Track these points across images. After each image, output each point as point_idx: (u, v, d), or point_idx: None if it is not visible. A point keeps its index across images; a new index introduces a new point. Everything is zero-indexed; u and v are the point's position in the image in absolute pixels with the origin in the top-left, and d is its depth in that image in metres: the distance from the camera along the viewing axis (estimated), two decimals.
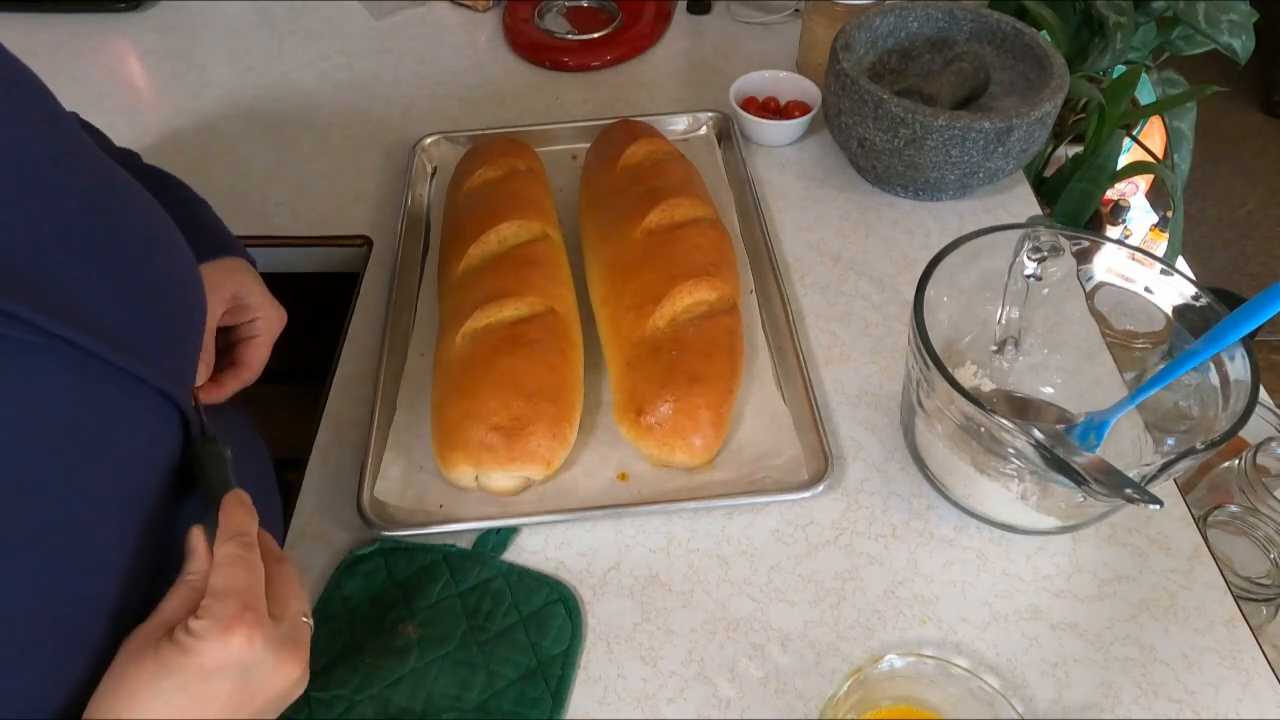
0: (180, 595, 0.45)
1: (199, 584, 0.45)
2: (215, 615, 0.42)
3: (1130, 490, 0.52)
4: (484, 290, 0.72)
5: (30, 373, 0.40)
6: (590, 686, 0.59)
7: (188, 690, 0.42)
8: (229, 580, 0.44)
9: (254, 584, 0.45)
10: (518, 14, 1.14)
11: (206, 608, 0.43)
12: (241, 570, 0.45)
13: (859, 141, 0.87)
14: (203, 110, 1.05)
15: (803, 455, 0.69)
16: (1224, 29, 1.03)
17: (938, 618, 0.62)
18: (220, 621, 0.42)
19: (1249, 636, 0.61)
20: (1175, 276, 0.64)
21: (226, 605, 0.43)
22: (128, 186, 0.51)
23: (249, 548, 0.46)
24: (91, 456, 0.43)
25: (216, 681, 0.42)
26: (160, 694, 0.41)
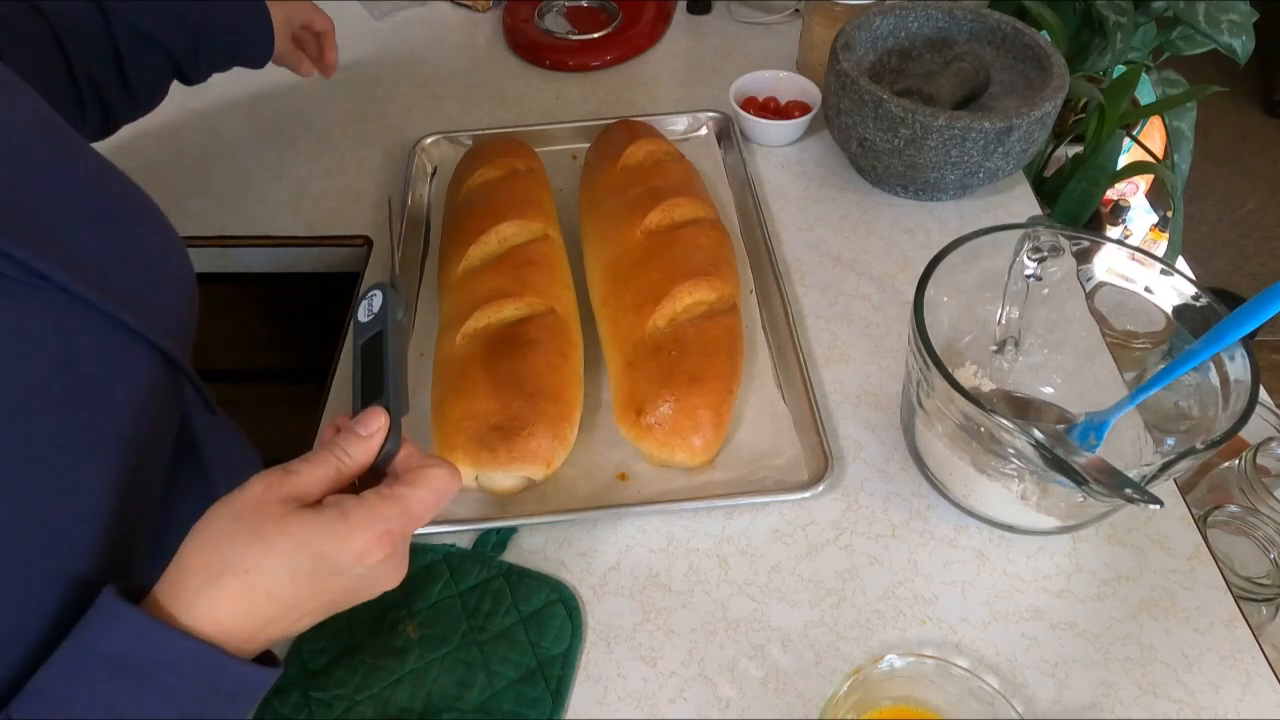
0: (323, 469, 0.43)
1: (348, 470, 0.44)
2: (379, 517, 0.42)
3: (1130, 490, 0.52)
4: (484, 290, 0.72)
5: (23, 312, 0.42)
6: (590, 686, 0.59)
7: (317, 575, 0.41)
8: (419, 500, 0.43)
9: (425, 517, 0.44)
10: (518, 14, 1.14)
11: (373, 505, 0.42)
12: (434, 504, 0.44)
13: (859, 141, 0.87)
14: (203, 110, 1.05)
15: (803, 455, 0.69)
16: (1224, 29, 1.03)
17: (938, 618, 0.62)
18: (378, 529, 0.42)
19: (1249, 636, 0.61)
20: (1175, 276, 0.64)
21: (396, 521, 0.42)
22: (115, 169, 0.54)
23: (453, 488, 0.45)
24: (82, 397, 0.44)
25: (344, 577, 0.42)
26: (292, 567, 0.41)
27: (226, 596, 0.40)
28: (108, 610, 0.39)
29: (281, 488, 0.42)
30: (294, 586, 0.41)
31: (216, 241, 0.90)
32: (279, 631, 0.42)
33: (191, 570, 0.40)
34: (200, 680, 0.40)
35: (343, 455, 0.44)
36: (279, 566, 0.40)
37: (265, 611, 0.41)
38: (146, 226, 0.54)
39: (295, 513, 0.41)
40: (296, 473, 0.42)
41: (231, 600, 0.40)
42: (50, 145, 0.48)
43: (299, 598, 0.41)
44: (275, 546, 0.40)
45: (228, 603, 0.40)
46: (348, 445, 0.44)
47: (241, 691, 0.42)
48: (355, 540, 0.41)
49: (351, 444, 0.44)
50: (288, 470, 0.42)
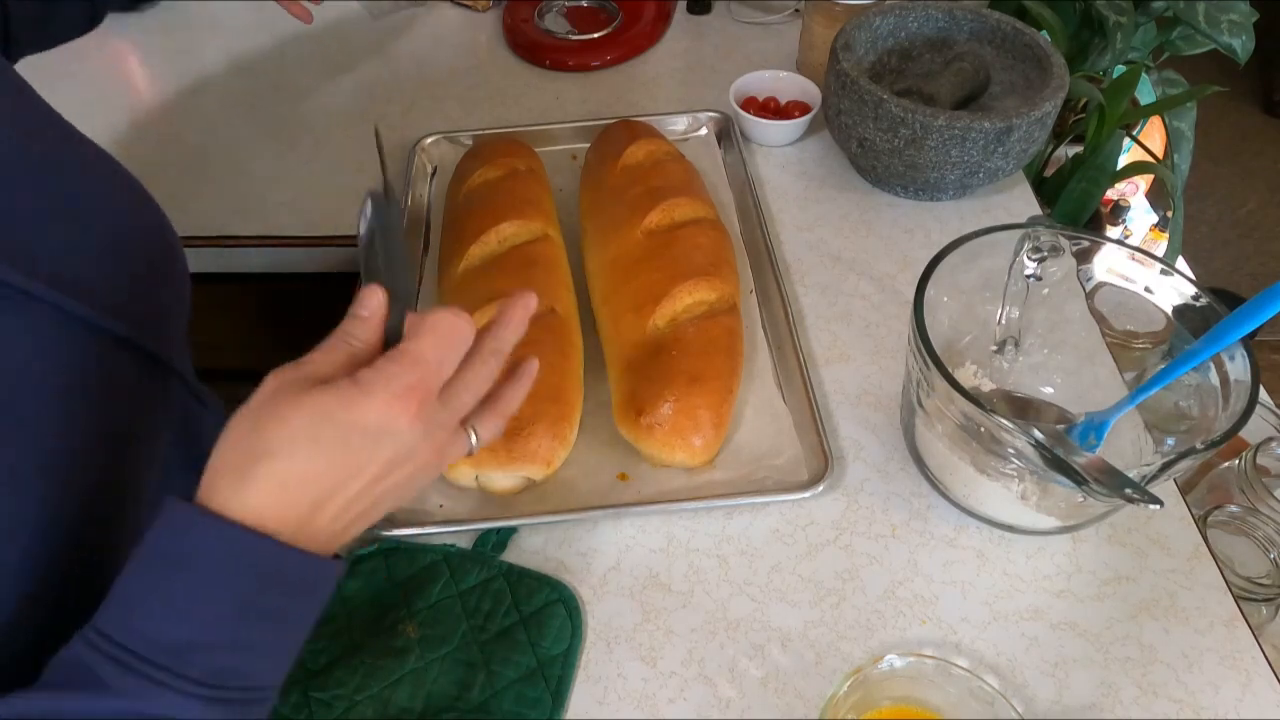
0: (334, 355, 0.42)
1: (362, 351, 0.43)
2: (392, 375, 0.40)
3: (1130, 490, 0.52)
4: (484, 290, 0.72)
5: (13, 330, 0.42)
6: (590, 686, 0.59)
7: (347, 447, 0.40)
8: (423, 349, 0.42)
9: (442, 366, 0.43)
10: (518, 14, 1.14)
11: (382, 366, 0.41)
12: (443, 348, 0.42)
13: (859, 141, 0.87)
14: (203, 111, 1.05)
15: (803, 455, 0.69)
16: (1224, 29, 1.03)
17: (938, 618, 0.62)
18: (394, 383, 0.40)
19: (1249, 636, 0.61)
20: (1175, 276, 0.64)
21: (410, 374, 0.41)
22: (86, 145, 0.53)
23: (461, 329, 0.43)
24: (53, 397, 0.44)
25: (377, 447, 0.41)
26: (315, 441, 0.39)
27: (259, 487, 0.39)
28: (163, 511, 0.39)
29: (296, 374, 0.41)
30: (326, 462, 0.39)
31: (216, 241, 0.90)
32: (332, 520, 0.41)
33: (221, 472, 0.39)
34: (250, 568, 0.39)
35: (348, 338, 0.43)
36: (302, 442, 0.39)
37: (304, 495, 0.39)
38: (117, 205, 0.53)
39: (311, 391, 0.40)
40: (308, 361, 0.42)
41: (265, 489, 0.39)
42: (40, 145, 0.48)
43: (335, 475, 0.40)
44: (294, 423, 0.39)
45: (262, 493, 0.39)
46: (351, 327, 0.43)
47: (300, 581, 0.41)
48: (373, 402, 0.40)
49: (354, 326, 0.43)
50: (300, 361, 0.42)
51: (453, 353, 0.43)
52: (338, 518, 0.41)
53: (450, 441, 0.45)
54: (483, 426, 0.48)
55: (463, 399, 0.45)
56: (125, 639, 0.37)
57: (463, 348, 0.44)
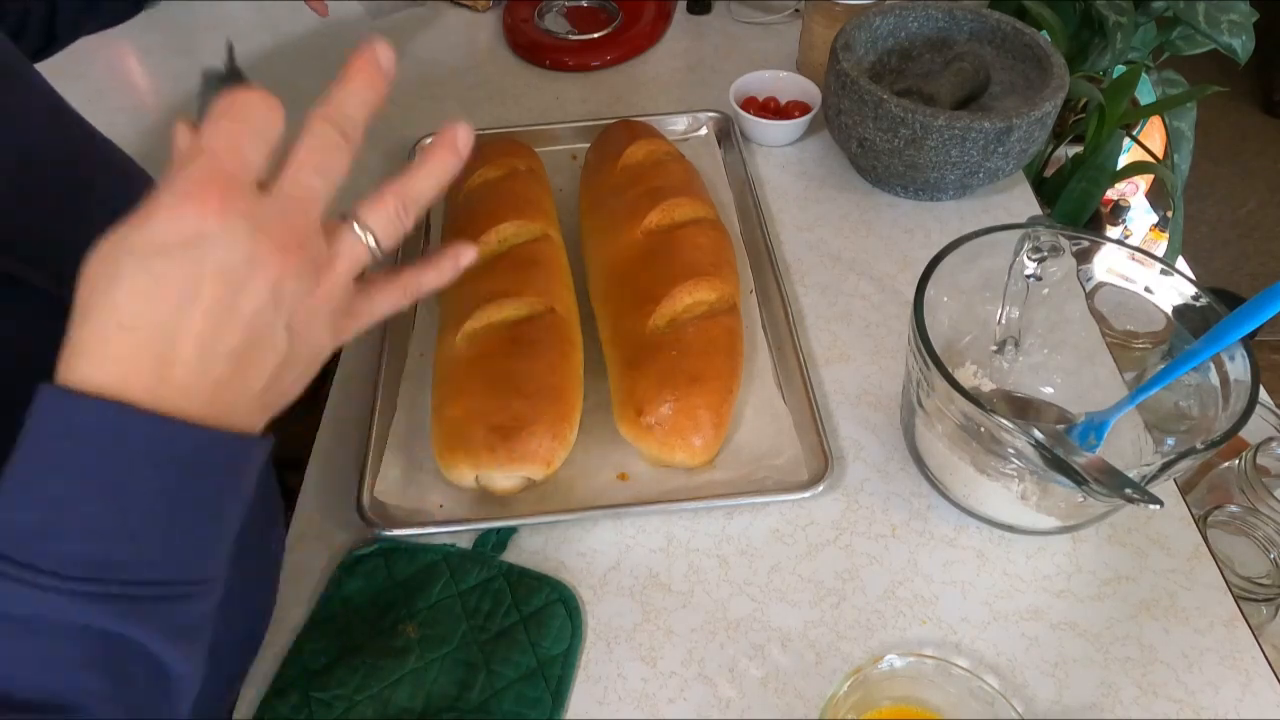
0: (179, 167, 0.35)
1: None
2: (183, 177, 0.34)
3: (1130, 490, 0.52)
4: (484, 290, 0.72)
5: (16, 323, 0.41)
6: (590, 686, 0.59)
7: (152, 271, 0.33)
8: (206, 137, 0.35)
9: (239, 151, 0.35)
10: (518, 14, 1.14)
11: (165, 174, 0.34)
12: (229, 124, 0.35)
13: (859, 141, 0.87)
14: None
15: (803, 455, 0.69)
16: (1224, 29, 1.03)
17: (938, 618, 0.62)
18: (184, 185, 0.34)
19: (1249, 636, 0.61)
20: (1175, 276, 0.64)
21: (200, 164, 0.34)
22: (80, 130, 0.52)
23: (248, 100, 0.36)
24: None
25: (182, 263, 0.33)
26: (117, 279, 0.33)
27: (90, 348, 0.33)
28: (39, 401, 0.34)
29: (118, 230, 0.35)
30: (141, 300, 0.33)
31: None
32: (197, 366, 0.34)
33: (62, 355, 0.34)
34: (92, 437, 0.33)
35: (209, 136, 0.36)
36: (106, 287, 0.33)
37: (135, 345, 0.33)
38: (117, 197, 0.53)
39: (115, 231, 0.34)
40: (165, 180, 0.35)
41: (94, 348, 0.33)
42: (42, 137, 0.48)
43: (160, 311, 0.33)
44: (95, 271, 0.33)
45: (95, 354, 0.33)
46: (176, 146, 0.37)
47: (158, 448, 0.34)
48: (160, 208, 0.33)
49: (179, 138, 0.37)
50: None
51: (246, 128, 0.35)
52: (201, 364, 0.34)
53: (319, 242, 0.38)
54: (370, 214, 0.40)
55: (299, 179, 0.37)
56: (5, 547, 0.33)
57: (261, 121, 0.36)
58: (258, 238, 0.34)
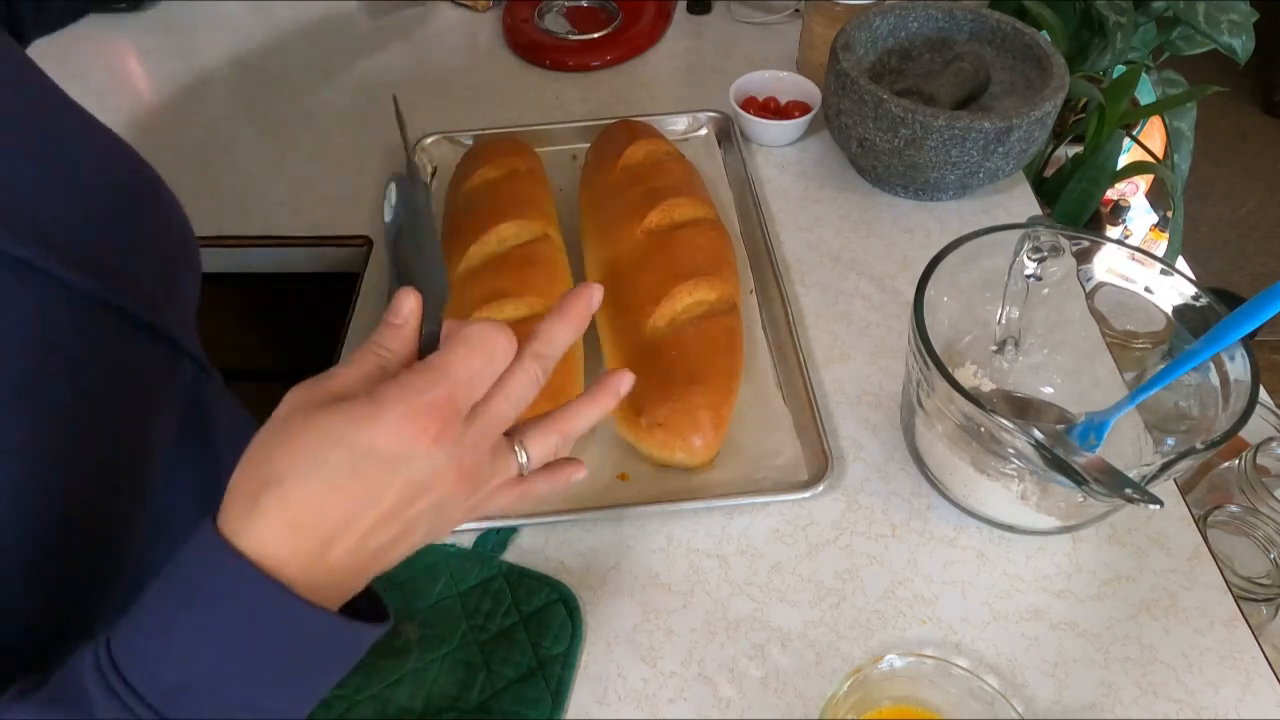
0: (361, 368, 0.38)
1: (391, 365, 0.38)
2: (415, 392, 0.36)
3: (1130, 490, 0.52)
4: (484, 290, 0.72)
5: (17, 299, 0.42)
6: (590, 686, 0.59)
7: (357, 473, 0.35)
8: (450, 361, 0.37)
9: (473, 382, 0.37)
10: (518, 14, 1.14)
11: (404, 379, 0.36)
12: (475, 360, 0.37)
13: (859, 141, 0.87)
14: (203, 110, 1.05)
15: (803, 455, 0.69)
16: (1224, 29, 1.03)
17: (938, 618, 0.62)
18: (416, 405, 0.35)
19: (1249, 636, 0.61)
20: (1175, 276, 0.64)
21: (433, 390, 0.36)
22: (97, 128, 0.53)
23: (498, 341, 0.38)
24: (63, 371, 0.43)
25: (393, 474, 0.36)
26: (322, 464, 0.35)
27: (270, 519, 0.35)
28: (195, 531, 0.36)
29: (315, 390, 0.37)
30: (334, 490, 0.35)
31: (216, 241, 0.90)
32: (347, 556, 0.36)
33: (234, 495, 0.36)
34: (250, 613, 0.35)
35: (379, 349, 0.38)
36: (309, 467, 0.35)
37: (312, 527, 0.35)
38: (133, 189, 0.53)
39: (324, 407, 0.35)
40: (332, 375, 0.37)
41: (273, 521, 0.35)
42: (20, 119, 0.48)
43: (346, 506, 0.36)
44: (302, 444, 0.35)
45: (272, 527, 0.35)
46: (381, 337, 0.38)
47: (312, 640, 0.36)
48: (387, 418, 0.35)
49: (385, 334, 0.38)
50: (323, 374, 0.37)
51: (487, 367, 0.38)
52: (354, 553, 0.37)
53: (487, 464, 0.40)
54: (534, 443, 0.42)
55: (499, 411, 0.39)
56: (123, 664, 0.35)
57: (501, 362, 0.39)
58: (449, 464, 0.37)
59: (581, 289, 0.42)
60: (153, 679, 0.34)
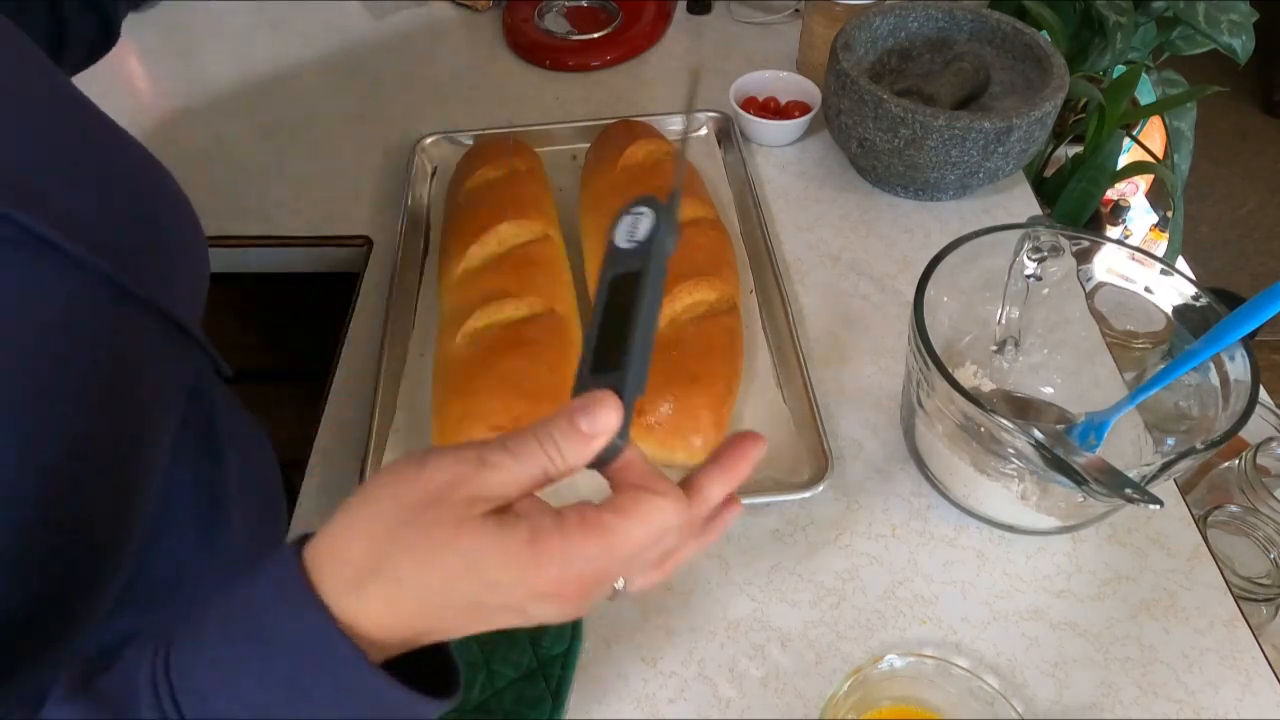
0: (526, 469, 0.34)
1: (558, 472, 0.35)
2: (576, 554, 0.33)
3: (1130, 490, 0.52)
4: (484, 290, 0.72)
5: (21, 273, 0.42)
6: (590, 686, 0.59)
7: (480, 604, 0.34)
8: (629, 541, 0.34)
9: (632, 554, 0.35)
10: (518, 14, 1.14)
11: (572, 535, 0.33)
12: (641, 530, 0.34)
13: (859, 141, 0.87)
14: (203, 110, 1.05)
15: (803, 455, 0.69)
16: (1224, 29, 1.03)
17: (938, 618, 0.62)
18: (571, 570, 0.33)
19: (1249, 636, 0.61)
20: (1175, 276, 0.64)
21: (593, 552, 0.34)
22: (116, 129, 0.55)
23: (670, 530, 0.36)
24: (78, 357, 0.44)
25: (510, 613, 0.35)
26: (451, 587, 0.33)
27: (369, 605, 0.33)
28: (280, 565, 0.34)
29: (470, 484, 0.33)
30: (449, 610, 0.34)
31: (216, 241, 0.90)
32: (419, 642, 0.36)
33: (343, 561, 0.34)
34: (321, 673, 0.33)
35: (555, 454, 0.34)
36: (438, 584, 0.33)
37: (408, 626, 0.34)
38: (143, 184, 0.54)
39: (475, 521, 0.33)
40: (494, 466, 0.34)
41: (372, 610, 0.33)
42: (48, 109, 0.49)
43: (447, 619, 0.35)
44: (441, 559, 0.33)
45: (368, 612, 0.33)
46: (563, 442, 0.34)
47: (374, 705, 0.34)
48: (539, 577, 0.33)
49: (569, 442, 0.35)
50: (483, 461, 0.34)
51: (651, 551, 0.35)
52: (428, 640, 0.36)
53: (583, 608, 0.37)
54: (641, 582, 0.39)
55: (640, 585, 0.38)
56: (178, 681, 0.33)
57: (662, 548, 0.36)
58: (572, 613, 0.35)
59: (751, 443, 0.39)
60: (201, 704, 0.33)
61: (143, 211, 0.52)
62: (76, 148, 0.49)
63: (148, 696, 0.33)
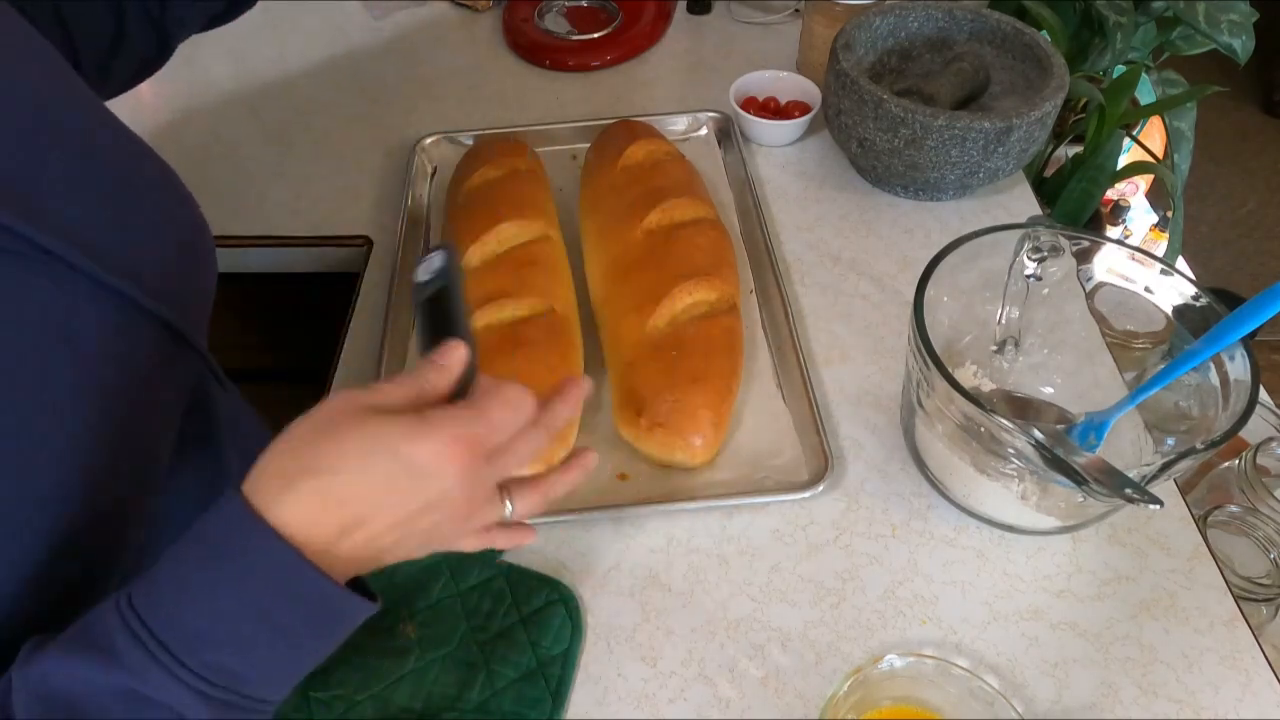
0: (404, 389, 0.42)
1: (430, 397, 0.42)
2: (459, 424, 0.40)
3: (1130, 490, 0.52)
4: (484, 290, 0.72)
5: (24, 283, 0.43)
6: (590, 686, 0.59)
7: (392, 477, 0.40)
8: (490, 407, 0.42)
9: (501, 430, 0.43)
10: (518, 14, 1.14)
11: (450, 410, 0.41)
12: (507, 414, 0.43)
13: (859, 141, 0.87)
14: (203, 110, 1.05)
15: (803, 455, 0.69)
16: (1224, 29, 1.03)
17: (938, 618, 0.62)
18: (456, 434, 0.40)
19: (1249, 636, 0.61)
20: (1175, 276, 0.64)
21: (473, 426, 0.41)
22: (127, 133, 0.56)
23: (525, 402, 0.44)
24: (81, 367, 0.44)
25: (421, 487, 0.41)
26: (366, 465, 0.39)
27: (302, 500, 0.39)
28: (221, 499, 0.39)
29: (362, 399, 0.41)
30: (369, 488, 0.40)
31: (217, 242, 0.90)
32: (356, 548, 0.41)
33: (268, 475, 0.40)
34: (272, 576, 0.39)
35: (422, 380, 0.42)
36: (354, 465, 0.39)
37: (338, 516, 0.40)
38: (151, 190, 0.55)
39: (374, 414, 0.40)
40: (377, 390, 0.42)
41: (305, 503, 0.39)
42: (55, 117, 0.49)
43: (372, 504, 0.40)
44: (351, 443, 0.39)
45: (300, 505, 0.39)
46: (427, 372, 0.43)
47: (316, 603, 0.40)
48: (431, 439, 0.40)
49: (431, 371, 0.43)
50: (369, 387, 0.42)
51: (514, 421, 0.43)
52: (362, 547, 0.41)
53: (485, 503, 0.46)
54: (520, 499, 0.48)
55: (507, 464, 0.45)
56: (145, 612, 0.38)
57: (522, 422, 0.44)
58: (461, 493, 0.42)
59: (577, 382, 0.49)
60: (171, 625, 0.38)
61: (146, 213, 0.52)
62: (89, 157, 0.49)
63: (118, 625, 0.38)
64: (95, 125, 0.52)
